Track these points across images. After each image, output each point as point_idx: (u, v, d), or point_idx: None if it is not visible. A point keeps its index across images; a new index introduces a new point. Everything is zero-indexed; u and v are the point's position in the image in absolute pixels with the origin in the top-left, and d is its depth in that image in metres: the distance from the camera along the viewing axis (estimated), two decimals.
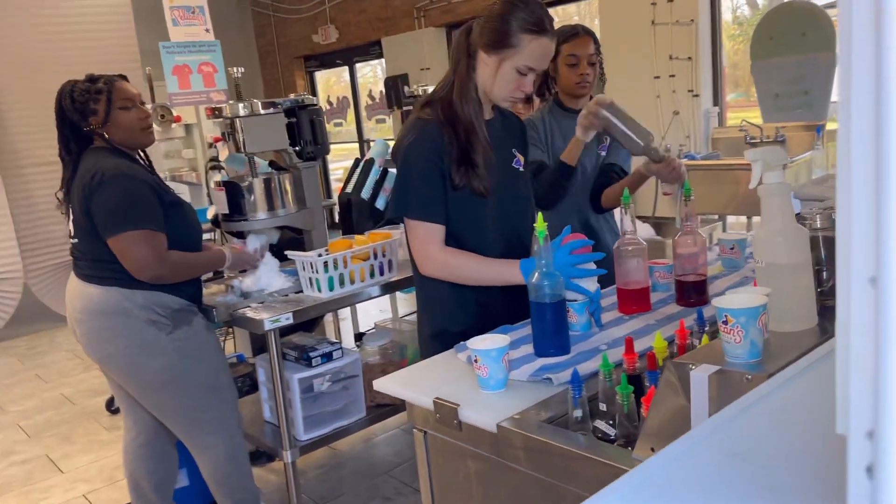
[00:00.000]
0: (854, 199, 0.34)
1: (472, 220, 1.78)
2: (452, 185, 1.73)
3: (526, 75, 1.70)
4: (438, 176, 1.72)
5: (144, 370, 2.18)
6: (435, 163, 1.71)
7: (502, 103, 1.79)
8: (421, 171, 1.71)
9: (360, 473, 3.03)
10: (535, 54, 1.68)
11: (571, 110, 2.33)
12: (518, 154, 1.88)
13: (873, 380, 0.35)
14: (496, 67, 1.70)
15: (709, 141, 5.58)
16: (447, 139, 1.71)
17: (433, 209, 1.73)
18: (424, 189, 1.72)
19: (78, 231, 2.18)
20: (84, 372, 4.67)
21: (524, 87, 1.72)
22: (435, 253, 1.74)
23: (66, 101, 2.15)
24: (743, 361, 0.98)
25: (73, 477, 3.25)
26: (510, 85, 1.71)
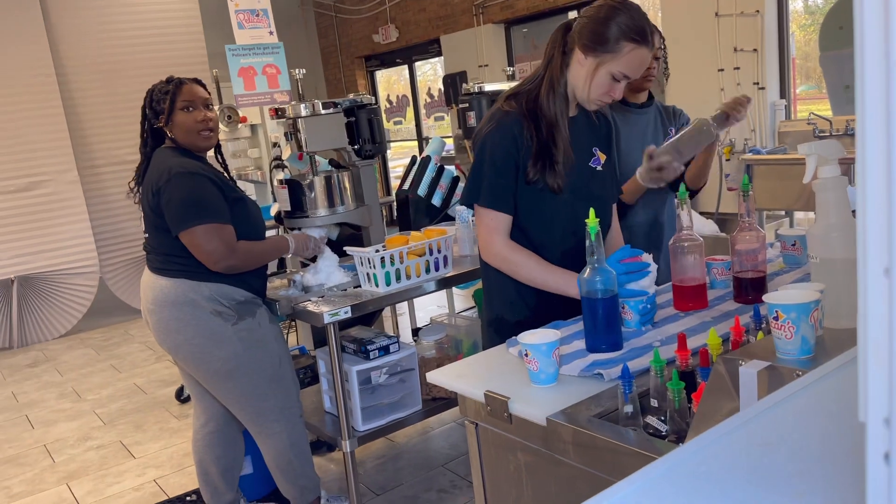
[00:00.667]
0: (869, 191, 0.35)
1: (541, 215, 1.79)
2: (526, 179, 1.75)
3: (619, 81, 1.70)
4: (512, 167, 1.74)
5: (211, 359, 2.27)
6: (511, 154, 1.73)
7: (589, 105, 1.78)
8: (496, 161, 1.74)
9: (416, 465, 3.08)
10: (633, 63, 1.68)
11: (634, 105, 2.31)
12: (598, 153, 1.88)
13: (889, 367, 0.36)
14: (592, 70, 1.69)
15: (775, 135, 5.41)
16: (527, 133, 1.73)
17: (503, 199, 1.75)
18: (497, 179, 1.74)
19: (148, 226, 2.30)
20: (156, 363, 4.88)
21: (614, 93, 1.72)
22: (498, 243, 1.77)
23: (146, 99, 2.32)
24: (794, 358, 0.97)
25: (145, 463, 3.41)
26: (602, 89, 1.71)
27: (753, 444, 0.52)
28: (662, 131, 2.36)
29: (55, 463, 3.53)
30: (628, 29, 1.65)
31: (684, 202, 1.77)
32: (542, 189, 1.76)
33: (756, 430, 0.54)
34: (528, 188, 1.76)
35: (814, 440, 0.51)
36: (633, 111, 2.31)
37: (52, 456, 3.61)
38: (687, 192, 1.79)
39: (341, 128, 2.62)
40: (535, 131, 1.73)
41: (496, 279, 1.84)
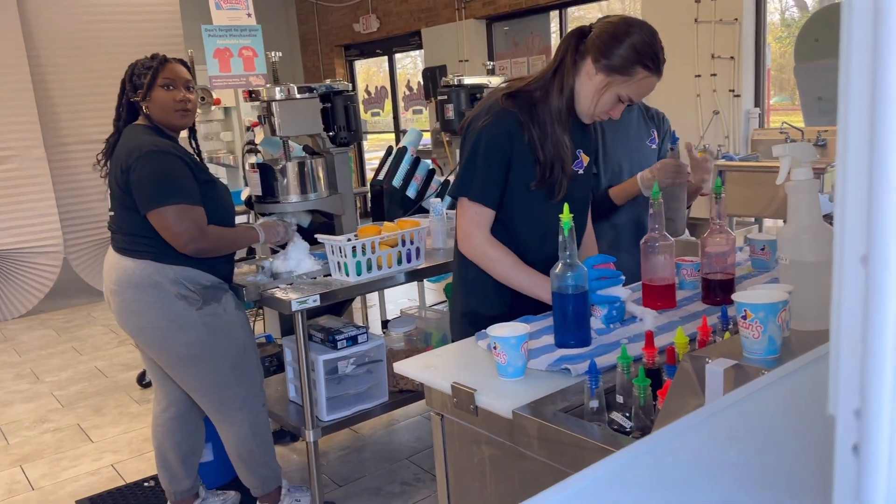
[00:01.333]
0: (849, 174, 0.34)
1: (528, 216, 1.79)
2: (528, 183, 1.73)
3: (623, 103, 1.70)
4: (504, 165, 1.73)
5: (174, 343, 2.23)
6: (505, 152, 1.72)
7: (586, 118, 1.76)
8: (489, 157, 1.72)
9: (380, 457, 3.06)
10: (642, 89, 1.68)
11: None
12: (582, 156, 1.88)
13: (861, 358, 0.35)
14: (601, 88, 1.68)
15: (748, 142, 5.49)
16: (526, 135, 1.71)
17: (491, 195, 1.74)
18: (488, 174, 1.73)
19: (114, 204, 2.25)
20: (118, 346, 4.79)
21: (614, 113, 1.72)
22: (479, 237, 1.75)
23: (127, 73, 2.28)
24: (760, 357, 0.98)
25: (102, 447, 3.35)
26: (606, 107, 1.71)
27: (719, 438, 0.51)
28: (646, 131, 2.37)
29: (9, 445, 3.44)
30: (644, 55, 1.64)
31: (657, 201, 1.77)
32: (533, 190, 1.75)
33: (722, 424, 0.53)
34: (518, 188, 1.75)
35: (780, 435, 0.51)
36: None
37: (6, 437, 3.53)
38: (660, 193, 1.80)
39: (316, 113, 2.58)
40: (539, 135, 1.71)
41: (475, 272, 1.83)
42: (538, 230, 1.79)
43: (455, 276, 1.94)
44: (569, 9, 6.94)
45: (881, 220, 0.33)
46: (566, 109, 1.72)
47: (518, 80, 1.79)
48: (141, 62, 2.27)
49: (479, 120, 1.75)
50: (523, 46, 7.31)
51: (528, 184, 1.75)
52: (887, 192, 0.32)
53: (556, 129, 1.72)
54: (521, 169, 1.74)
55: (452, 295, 1.97)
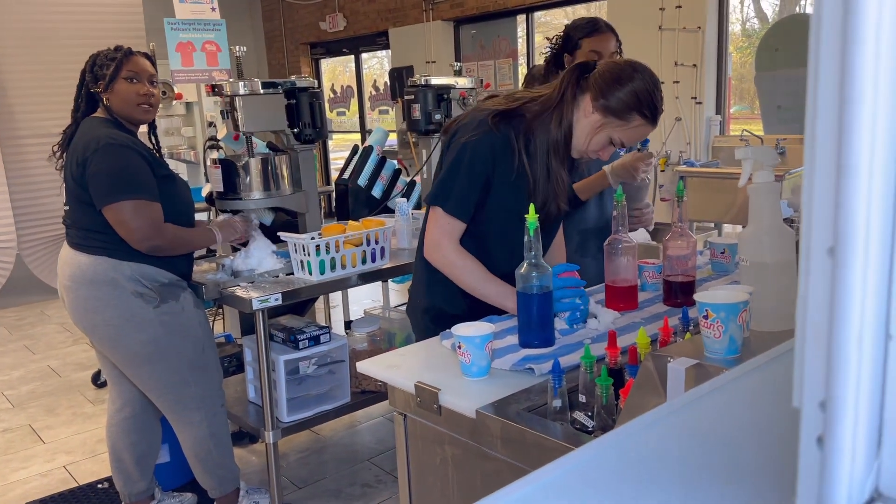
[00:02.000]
0: (816, 168, 0.34)
1: (500, 232, 1.78)
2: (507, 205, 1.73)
3: (612, 144, 1.70)
4: (484, 180, 1.72)
5: (129, 342, 2.18)
6: (487, 167, 1.71)
7: (577, 154, 1.75)
8: (472, 172, 1.71)
9: (341, 459, 3.03)
10: (636, 135, 1.69)
11: None
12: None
13: (827, 349, 0.35)
14: (595, 126, 1.68)
15: (709, 149, 5.58)
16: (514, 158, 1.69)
17: (465, 209, 1.73)
18: (468, 189, 1.72)
19: (70, 199, 2.18)
20: (73, 345, 4.67)
21: (604, 154, 1.72)
22: (448, 246, 1.74)
23: (88, 63, 2.22)
24: (721, 357, 0.99)
25: (55, 448, 3.25)
26: (598, 147, 1.70)
27: (682, 433, 0.51)
28: None
29: None
30: (644, 103, 1.64)
31: (621, 203, 1.79)
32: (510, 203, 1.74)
33: (685, 420, 0.53)
34: (495, 208, 1.75)
35: (743, 430, 0.51)
36: None
37: None
38: (623, 195, 1.81)
39: (280, 109, 2.55)
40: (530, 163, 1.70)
41: (434, 269, 1.82)
42: (509, 246, 1.77)
43: (417, 273, 1.92)
44: (535, 13, 6.99)
45: (848, 211, 0.33)
46: (564, 144, 1.72)
47: (510, 99, 1.75)
48: (104, 53, 2.21)
49: (466, 132, 1.72)
50: (490, 49, 7.33)
51: (505, 201, 1.74)
52: (854, 185, 0.32)
53: (552, 161, 1.71)
54: (501, 190, 1.74)
55: (412, 292, 1.95)
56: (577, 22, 2.31)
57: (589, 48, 2.25)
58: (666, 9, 5.52)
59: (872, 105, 0.32)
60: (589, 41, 2.25)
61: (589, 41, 2.25)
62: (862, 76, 0.32)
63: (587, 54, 2.24)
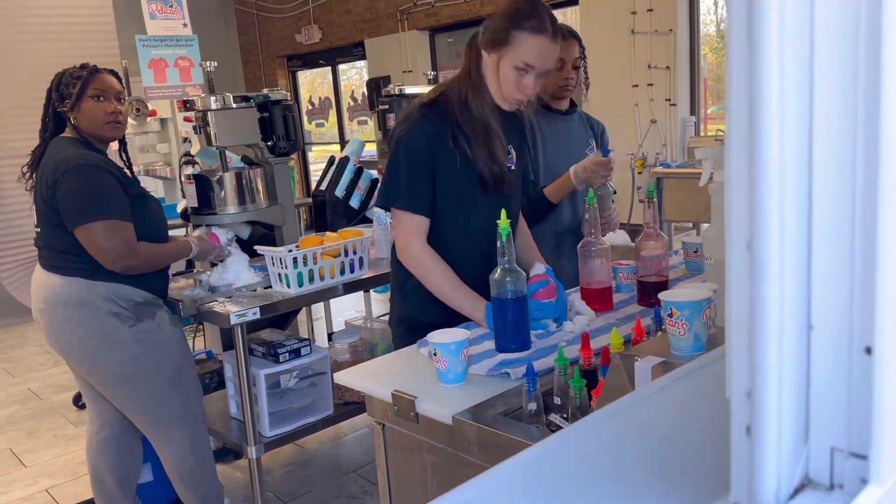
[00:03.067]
0: (733, 167, 0.35)
1: (460, 217, 1.79)
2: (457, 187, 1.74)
3: (525, 74, 1.70)
4: (428, 170, 1.73)
5: (106, 362, 2.16)
6: (426, 157, 1.72)
7: (504, 104, 1.77)
8: (412, 164, 1.72)
9: (326, 472, 3.02)
10: (532, 52, 1.68)
11: (557, 111, 2.34)
12: (513, 151, 1.89)
13: (748, 340, 0.36)
14: (495, 66, 1.71)
15: (685, 150, 5.64)
16: (450, 138, 1.71)
17: (420, 201, 1.73)
18: (413, 181, 1.72)
19: (41, 221, 2.17)
20: (53, 367, 4.61)
21: (525, 88, 1.72)
22: (417, 246, 1.75)
23: (54, 81, 2.20)
24: (686, 354, 1.00)
25: (37, 472, 3.21)
26: (511, 84, 1.71)
27: (633, 429, 0.52)
28: (585, 140, 2.40)
29: None
30: (522, 20, 1.67)
31: (592, 206, 1.81)
32: (461, 192, 1.76)
33: (636, 416, 0.54)
34: (447, 194, 1.75)
35: (692, 424, 0.52)
36: (558, 117, 2.34)
37: None
38: (595, 198, 1.83)
39: (254, 123, 2.55)
40: (472, 134, 1.72)
41: (414, 280, 1.82)
42: (471, 233, 1.79)
43: (393, 282, 1.92)
44: None
45: (761, 206, 0.34)
46: (491, 102, 1.74)
47: (434, 91, 1.81)
48: (69, 71, 2.20)
49: (397, 129, 1.76)
50: None
51: (456, 189, 1.75)
52: (766, 180, 0.34)
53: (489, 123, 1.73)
54: (449, 179, 1.75)
55: (391, 301, 1.96)
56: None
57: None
58: (637, 12, 5.58)
59: (779, 104, 0.33)
60: None
61: None
62: (768, 79, 0.33)
63: None
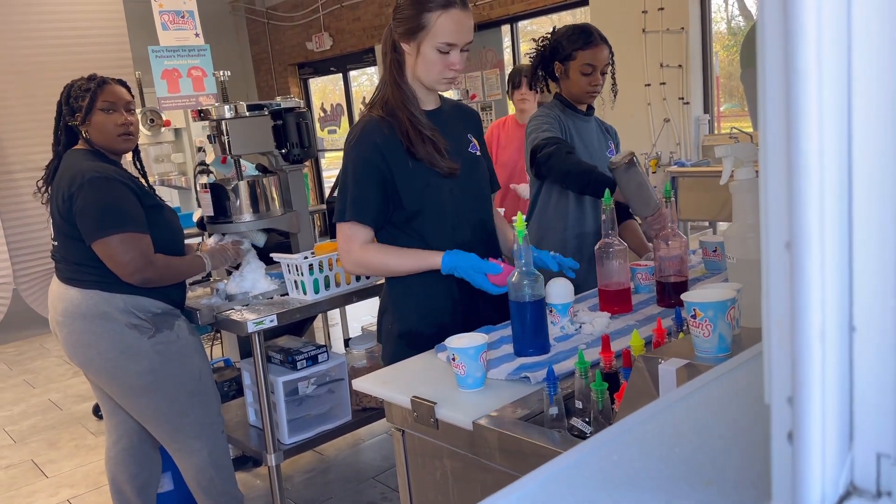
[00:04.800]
0: (769, 165, 0.34)
1: (430, 211, 1.77)
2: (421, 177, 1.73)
3: (448, 53, 1.69)
4: (375, 176, 1.71)
5: (125, 374, 2.16)
6: (374, 164, 1.71)
7: (439, 87, 1.76)
8: (356, 174, 1.72)
9: (346, 478, 3.02)
10: (448, 29, 1.67)
11: (579, 112, 2.33)
12: (474, 140, 1.88)
13: (790, 344, 0.35)
14: (416, 53, 1.70)
15: (699, 148, 5.60)
16: (393, 136, 1.71)
17: (364, 211, 1.72)
18: (359, 192, 1.72)
19: (57, 234, 2.18)
20: (73, 377, 4.65)
21: (452, 66, 1.71)
22: (354, 251, 1.74)
23: (63, 94, 2.21)
24: (711, 355, 0.98)
25: (58, 482, 3.23)
26: (436, 66, 1.70)
27: (666, 434, 0.51)
28: (605, 143, 2.40)
29: None
30: (425, 1, 1.66)
31: (609, 208, 1.79)
32: (426, 184, 1.74)
33: (668, 420, 0.53)
34: (410, 188, 1.73)
35: (725, 428, 0.51)
36: (581, 117, 2.33)
37: None
38: (612, 200, 1.81)
39: (268, 131, 2.56)
40: (400, 130, 1.72)
41: (406, 290, 1.80)
42: (443, 221, 1.78)
43: (388, 299, 1.88)
44: (520, 23, 7.03)
45: (801, 206, 0.33)
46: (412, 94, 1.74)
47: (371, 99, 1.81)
48: (77, 83, 2.19)
49: (347, 141, 1.76)
50: (476, 61, 7.37)
51: (418, 187, 1.74)
52: (806, 179, 0.32)
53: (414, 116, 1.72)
54: (408, 177, 1.72)
55: (382, 320, 1.91)
56: (571, 30, 2.27)
57: (584, 61, 2.23)
58: (648, 11, 5.56)
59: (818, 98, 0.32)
60: (585, 53, 2.22)
61: (585, 53, 2.22)
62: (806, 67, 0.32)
63: (581, 66, 2.24)
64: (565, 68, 2.27)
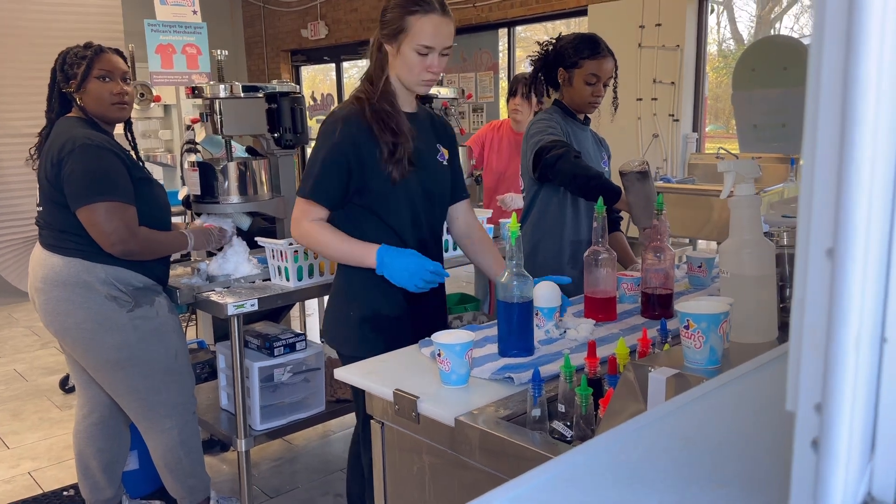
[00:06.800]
0: (817, 167, 0.34)
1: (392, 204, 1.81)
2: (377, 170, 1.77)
3: (426, 55, 1.74)
4: (344, 165, 1.76)
5: (101, 346, 2.13)
6: (345, 153, 1.75)
7: (418, 89, 1.81)
8: (325, 157, 1.76)
9: (313, 469, 2.99)
10: (427, 32, 1.72)
11: (577, 119, 2.34)
12: (442, 149, 1.93)
13: (824, 351, 0.35)
14: (396, 54, 1.76)
15: (685, 166, 5.65)
16: (370, 132, 1.76)
17: (323, 193, 1.77)
18: (323, 173, 1.76)
19: (43, 199, 2.14)
20: (40, 349, 4.57)
21: (430, 68, 1.76)
22: (304, 223, 1.78)
23: (58, 61, 2.18)
24: (701, 367, 0.99)
25: (19, 454, 3.17)
26: (416, 67, 1.75)
27: (672, 438, 0.51)
28: (599, 154, 2.41)
29: None
30: (408, 5, 1.72)
31: (601, 215, 1.80)
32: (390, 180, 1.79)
33: (674, 425, 0.53)
34: (377, 179, 1.78)
35: (732, 435, 0.51)
36: (578, 124, 2.34)
37: None
38: (605, 207, 1.82)
39: (261, 114, 2.53)
40: (379, 128, 1.76)
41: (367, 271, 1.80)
42: (404, 217, 1.83)
43: (343, 286, 1.90)
44: (517, 27, 7.05)
45: (849, 212, 0.33)
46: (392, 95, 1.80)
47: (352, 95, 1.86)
48: (73, 51, 2.17)
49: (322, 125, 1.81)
50: (472, 62, 7.37)
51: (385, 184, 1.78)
52: (856, 183, 0.32)
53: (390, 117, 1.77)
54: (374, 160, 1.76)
55: (335, 312, 1.91)
56: (578, 39, 2.28)
57: (589, 70, 2.24)
58: (646, 26, 5.60)
59: (875, 102, 0.32)
60: (591, 63, 2.24)
61: (591, 63, 2.24)
62: (866, 74, 0.32)
63: (586, 76, 2.25)
64: (569, 76, 2.28)
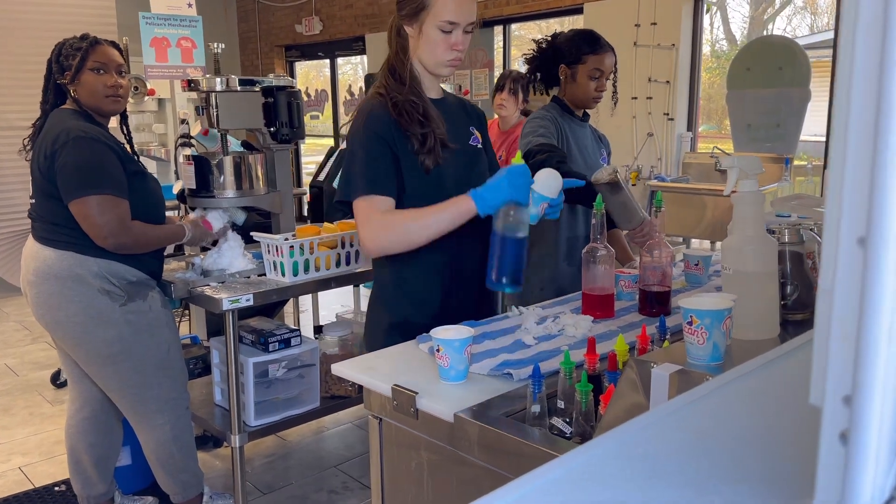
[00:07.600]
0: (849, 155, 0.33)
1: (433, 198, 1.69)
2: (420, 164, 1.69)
3: (451, 32, 1.66)
4: (389, 154, 1.66)
5: (93, 340, 2.11)
6: (385, 142, 1.66)
7: (442, 70, 1.72)
8: (368, 152, 1.66)
9: (307, 465, 2.98)
10: (450, 7, 1.63)
11: (576, 115, 2.33)
12: (476, 132, 1.85)
13: (855, 343, 0.34)
14: (418, 34, 1.67)
15: (680, 165, 5.66)
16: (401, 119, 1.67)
17: (381, 184, 1.64)
18: (372, 168, 1.65)
19: (36, 192, 2.12)
20: (31, 343, 4.53)
21: (455, 46, 1.67)
22: (377, 216, 1.63)
23: (54, 52, 2.16)
24: (704, 363, 0.98)
25: (10, 449, 3.15)
26: (440, 46, 1.67)
27: (687, 433, 0.50)
28: (598, 150, 2.40)
29: None
30: None
31: (599, 212, 1.79)
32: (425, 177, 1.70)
33: (687, 420, 0.53)
34: (413, 171, 1.69)
35: (748, 430, 0.50)
36: (577, 121, 2.33)
37: None
38: (603, 204, 1.82)
39: (257, 108, 2.51)
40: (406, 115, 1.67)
41: (400, 279, 1.77)
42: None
43: (380, 289, 1.83)
44: (512, 25, 7.04)
45: (883, 200, 0.32)
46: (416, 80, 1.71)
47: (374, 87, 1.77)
48: (69, 42, 2.15)
49: (353, 125, 1.72)
50: (467, 59, 7.36)
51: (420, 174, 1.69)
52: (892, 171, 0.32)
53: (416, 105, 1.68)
54: (409, 153, 1.68)
55: (368, 318, 1.86)
56: (578, 35, 2.27)
57: (593, 65, 2.23)
58: (641, 25, 5.60)
59: None
60: (594, 58, 2.23)
61: (594, 58, 2.23)
62: None
63: (590, 71, 2.23)
64: (572, 72, 2.27)
